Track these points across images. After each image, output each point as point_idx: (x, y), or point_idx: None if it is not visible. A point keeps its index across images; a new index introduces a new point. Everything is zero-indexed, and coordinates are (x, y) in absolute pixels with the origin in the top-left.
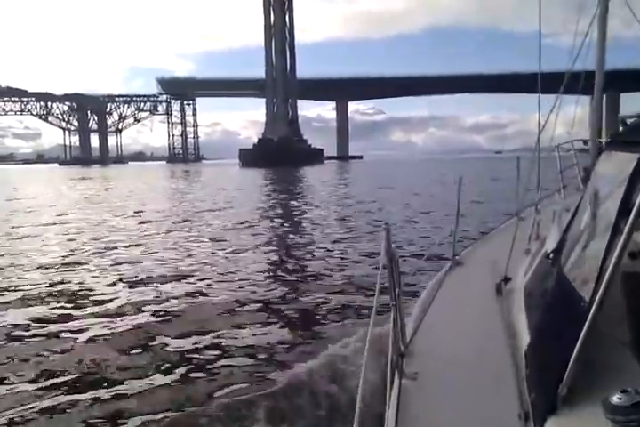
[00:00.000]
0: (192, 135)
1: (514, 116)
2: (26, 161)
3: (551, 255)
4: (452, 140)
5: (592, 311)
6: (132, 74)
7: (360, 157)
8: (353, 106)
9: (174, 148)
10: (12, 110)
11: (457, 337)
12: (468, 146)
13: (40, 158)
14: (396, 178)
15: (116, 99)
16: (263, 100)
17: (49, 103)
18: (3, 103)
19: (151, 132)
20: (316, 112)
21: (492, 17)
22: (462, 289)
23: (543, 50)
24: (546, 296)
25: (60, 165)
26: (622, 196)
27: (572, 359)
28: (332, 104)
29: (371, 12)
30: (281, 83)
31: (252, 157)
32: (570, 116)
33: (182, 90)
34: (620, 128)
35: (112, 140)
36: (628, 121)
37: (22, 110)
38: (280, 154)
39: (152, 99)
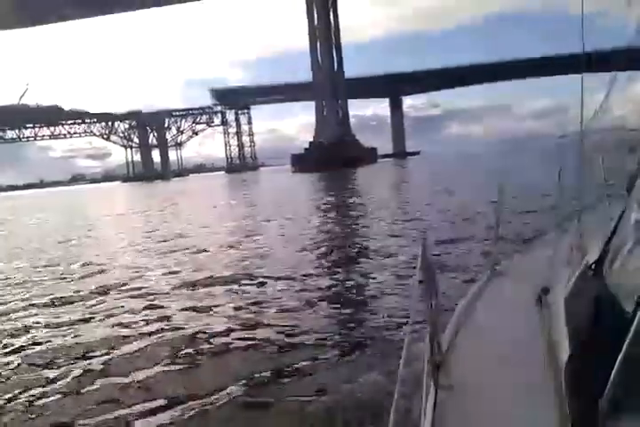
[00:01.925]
0: (248, 144)
1: (576, 98)
2: (93, 180)
3: (593, 266)
4: (513, 128)
5: (634, 324)
6: (189, 87)
7: (417, 153)
8: (408, 102)
9: (231, 158)
10: (76, 133)
11: (495, 348)
12: (529, 133)
13: (108, 177)
14: (448, 179)
15: (174, 113)
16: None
17: (110, 123)
18: (68, 126)
19: (213, 143)
20: (371, 111)
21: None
22: (501, 299)
23: (600, 29)
24: (587, 308)
25: (122, 182)
26: None
27: (613, 374)
28: (387, 101)
29: (424, 8)
30: (328, 84)
31: (303, 162)
32: (627, 96)
33: (236, 99)
34: None
35: (174, 155)
36: None
37: (85, 131)
38: (331, 156)
39: (207, 110)
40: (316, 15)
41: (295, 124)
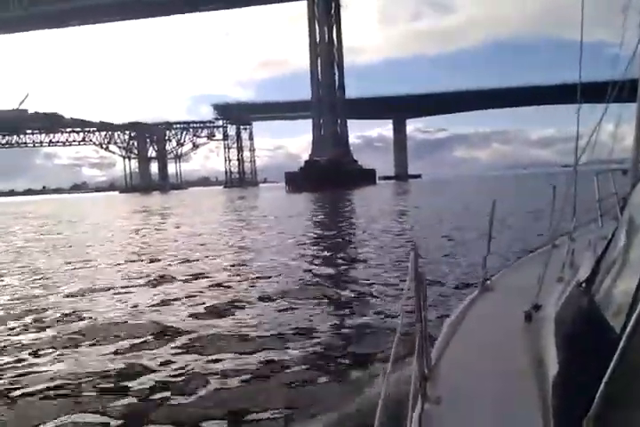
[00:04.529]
0: (249, 159)
1: (581, 128)
2: (97, 189)
3: (583, 284)
4: (517, 154)
5: (622, 343)
6: (196, 103)
7: (419, 176)
8: (413, 124)
9: (231, 172)
10: (75, 141)
11: (483, 363)
12: (533, 160)
13: (112, 186)
14: (445, 201)
15: (174, 126)
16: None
17: (109, 132)
18: (67, 134)
19: (218, 157)
20: (377, 132)
21: (556, 26)
22: (491, 314)
23: (608, 58)
24: (576, 326)
25: (120, 192)
26: None
27: (598, 393)
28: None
29: (432, 31)
30: (327, 103)
31: (298, 181)
32: (621, 128)
33: (238, 115)
34: None
35: (180, 167)
36: None
37: (84, 140)
38: (328, 176)
39: (209, 124)
40: (317, 32)
41: (302, 141)
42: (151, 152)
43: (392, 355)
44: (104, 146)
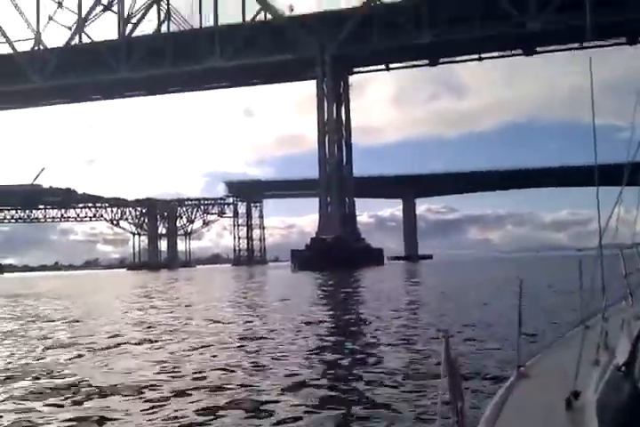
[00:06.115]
0: (259, 237)
1: (594, 212)
2: (108, 266)
3: (622, 367)
4: (530, 237)
5: None
6: (212, 180)
7: (430, 257)
8: (425, 205)
9: (240, 250)
10: (87, 216)
11: None
12: (546, 243)
13: (122, 263)
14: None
15: (186, 202)
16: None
17: (121, 208)
18: (79, 210)
19: (230, 235)
20: (389, 212)
21: (568, 112)
22: (530, 403)
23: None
24: (619, 412)
25: (127, 269)
26: None
27: None
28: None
29: (447, 113)
30: (335, 181)
31: (304, 259)
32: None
33: (248, 192)
34: None
35: (189, 244)
36: None
37: (95, 216)
38: (334, 255)
39: (219, 201)
40: (326, 110)
41: (314, 220)
42: (161, 229)
43: None
44: (115, 222)
